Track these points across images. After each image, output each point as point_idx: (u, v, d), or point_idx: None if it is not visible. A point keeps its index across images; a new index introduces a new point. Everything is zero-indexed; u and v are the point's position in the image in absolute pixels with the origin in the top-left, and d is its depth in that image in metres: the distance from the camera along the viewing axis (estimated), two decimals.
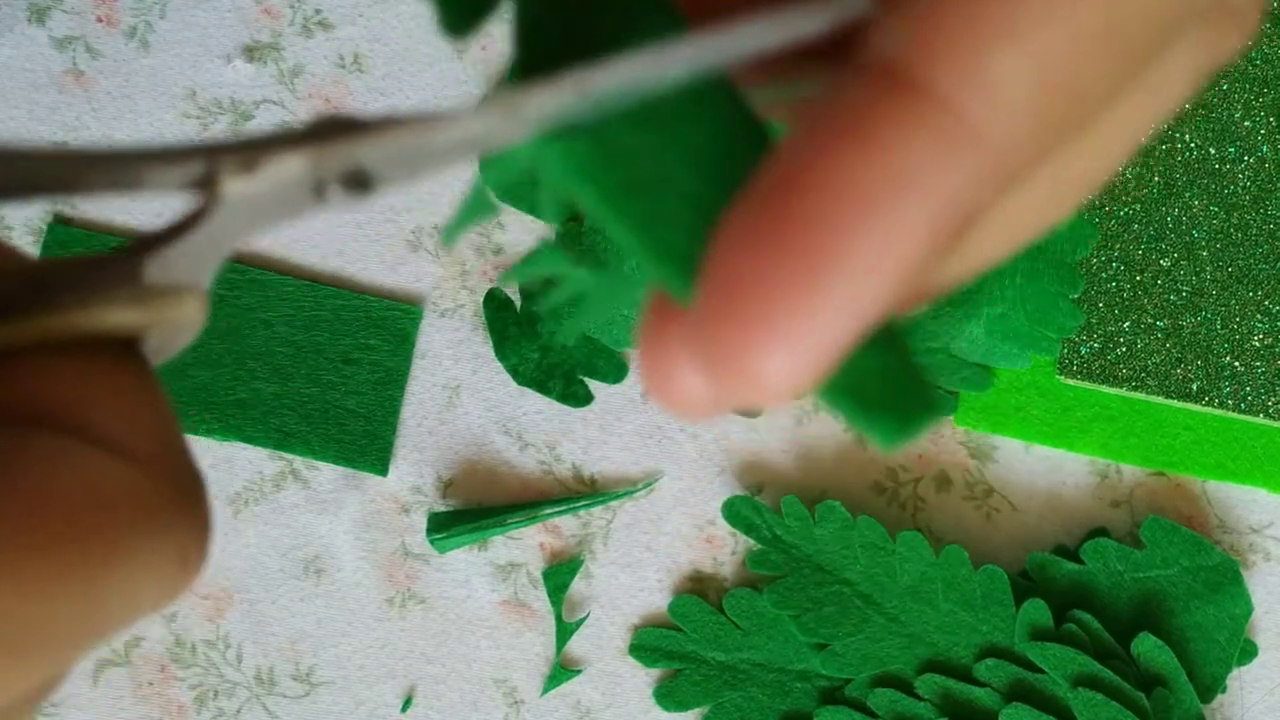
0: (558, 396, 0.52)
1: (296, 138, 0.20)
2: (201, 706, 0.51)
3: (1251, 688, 0.51)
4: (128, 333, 0.21)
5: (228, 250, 0.21)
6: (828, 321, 0.17)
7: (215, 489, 0.52)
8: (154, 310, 0.21)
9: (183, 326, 0.22)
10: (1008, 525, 0.52)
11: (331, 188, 0.20)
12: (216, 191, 0.20)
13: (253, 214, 0.20)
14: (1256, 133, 0.52)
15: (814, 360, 0.18)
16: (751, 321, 0.18)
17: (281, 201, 0.20)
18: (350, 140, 0.20)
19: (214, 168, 0.20)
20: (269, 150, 0.20)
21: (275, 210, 0.20)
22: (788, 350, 0.18)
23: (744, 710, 0.51)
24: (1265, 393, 0.51)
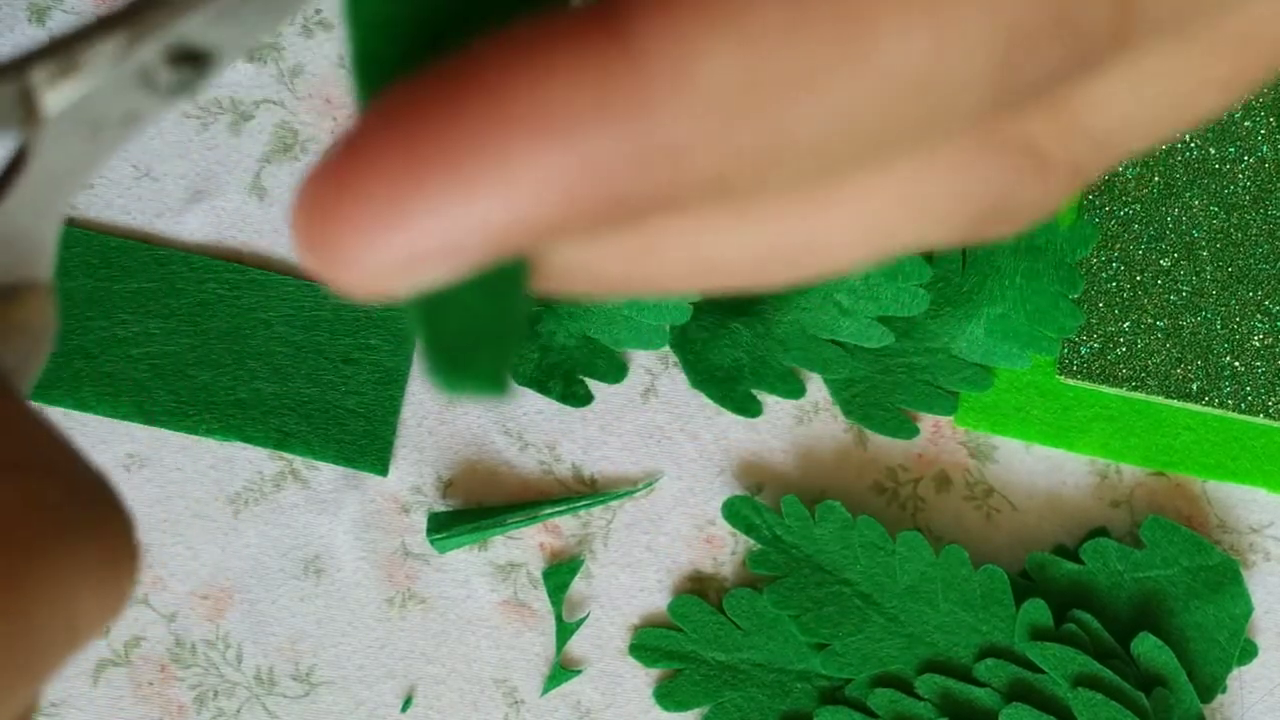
0: (558, 396, 0.52)
1: (106, 23, 0.17)
2: (201, 706, 0.51)
3: (1251, 688, 0.51)
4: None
5: (66, 192, 0.18)
6: (434, 227, 0.16)
7: (215, 489, 0.52)
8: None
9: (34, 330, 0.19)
10: (1008, 525, 0.52)
11: (161, 72, 0.18)
12: (36, 111, 0.17)
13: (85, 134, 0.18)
14: (1257, 133, 0.52)
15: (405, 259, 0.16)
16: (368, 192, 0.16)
17: (110, 109, 0.18)
18: (166, 7, 0.17)
19: (27, 81, 0.17)
20: (81, 45, 0.17)
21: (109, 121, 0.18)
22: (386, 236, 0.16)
23: (744, 710, 0.51)
24: (1265, 393, 0.51)
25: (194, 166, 0.53)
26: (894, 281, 0.50)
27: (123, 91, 0.18)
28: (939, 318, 0.51)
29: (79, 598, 0.19)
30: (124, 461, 0.52)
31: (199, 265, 0.52)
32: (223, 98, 0.53)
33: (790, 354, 0.52)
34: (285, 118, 0.53)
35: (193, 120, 0.53)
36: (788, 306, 0.51)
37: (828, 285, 0.51)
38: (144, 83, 0.18)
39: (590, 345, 0.52)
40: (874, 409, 0.52)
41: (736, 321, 0.52)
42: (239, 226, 0.53)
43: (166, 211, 0.53)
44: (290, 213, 0.17)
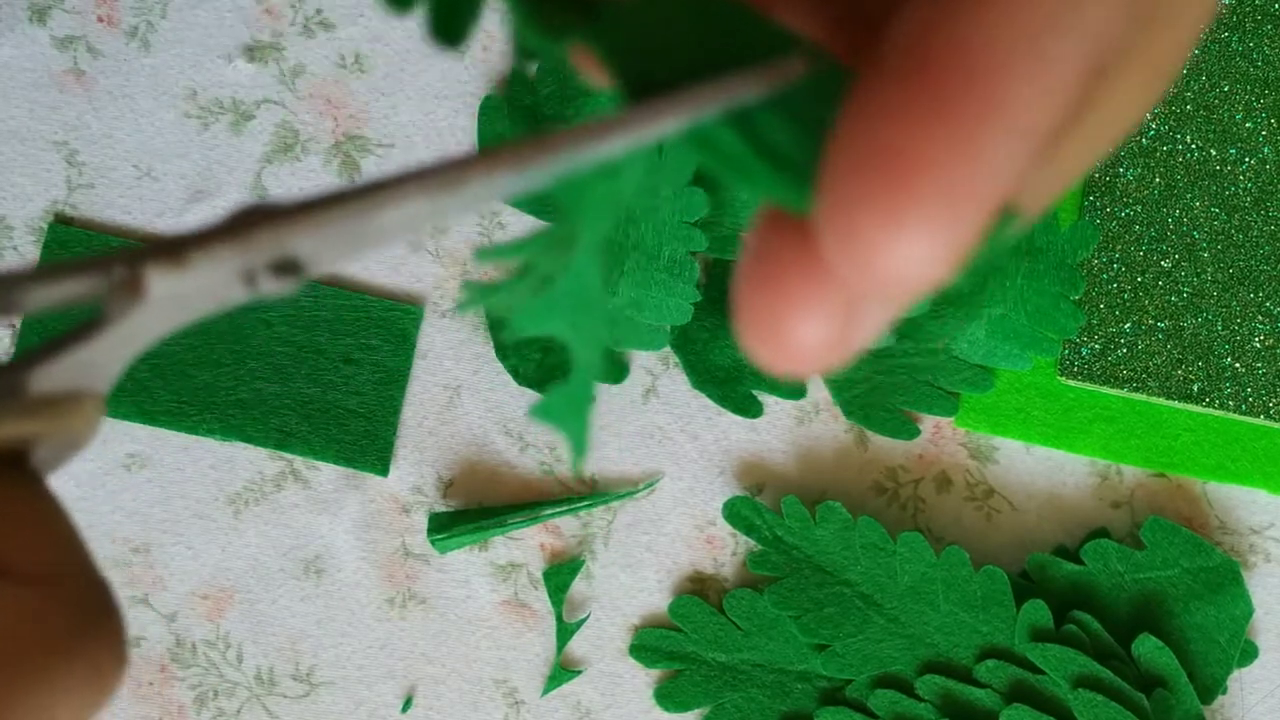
0: None
1: (222, 230, 0.19)
2: (201, 706, 0.51)
3: (1252, 689, 0.51)
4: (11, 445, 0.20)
5: (142, 347, 0.20)
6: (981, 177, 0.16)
7: (215, 489, 0.52)
8: (44, 421, 0.20)
9: (77, 435, 0.20)
10: (1008, 526, 0.52)
11: (262, 276, 0.19)
12: (142, 290, 0.19)
13: (176, 309, 0.19)
14: (1258, 134, 0.52)
15: (960, 233, 0.16)
16: (897, 193, 0.16)
17: (208, 294, 0.19)
18: (276, 229, 0.19)
19: (139, 268, 0.19)
20: (195, 245, 0.19)
21: (201, 303, 0.19)
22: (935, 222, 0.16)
23: (744, 711, 0.51)
24: (1266, 394, 0.51)
25: (194, 166, 0.53)
26: None
27: (222, 287, 0.19)
28: (940, 318, 0.51)
29: (60, 709, 0.19)
30: (124, 461, 0.52)
31: None
32: (223, 98, 0.53)
33: None
34: (286, 118, 0.53)
35: (193, 120, 0.53)
36: None
37: None
38: (244, 281, 0.19)
39: None
40: (875, 409, 0.52)
41: None
42: None
43: (167, 211, 0.53)
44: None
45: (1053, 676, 0.49)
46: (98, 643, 0.20)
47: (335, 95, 0.53)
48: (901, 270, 0.17)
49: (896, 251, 0.16)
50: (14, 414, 0.19)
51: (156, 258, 0.19)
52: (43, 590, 0.19)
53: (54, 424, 0.20)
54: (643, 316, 0.50)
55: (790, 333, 0.19)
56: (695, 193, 0.48)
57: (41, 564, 0.19)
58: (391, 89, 0.53)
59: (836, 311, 0.18)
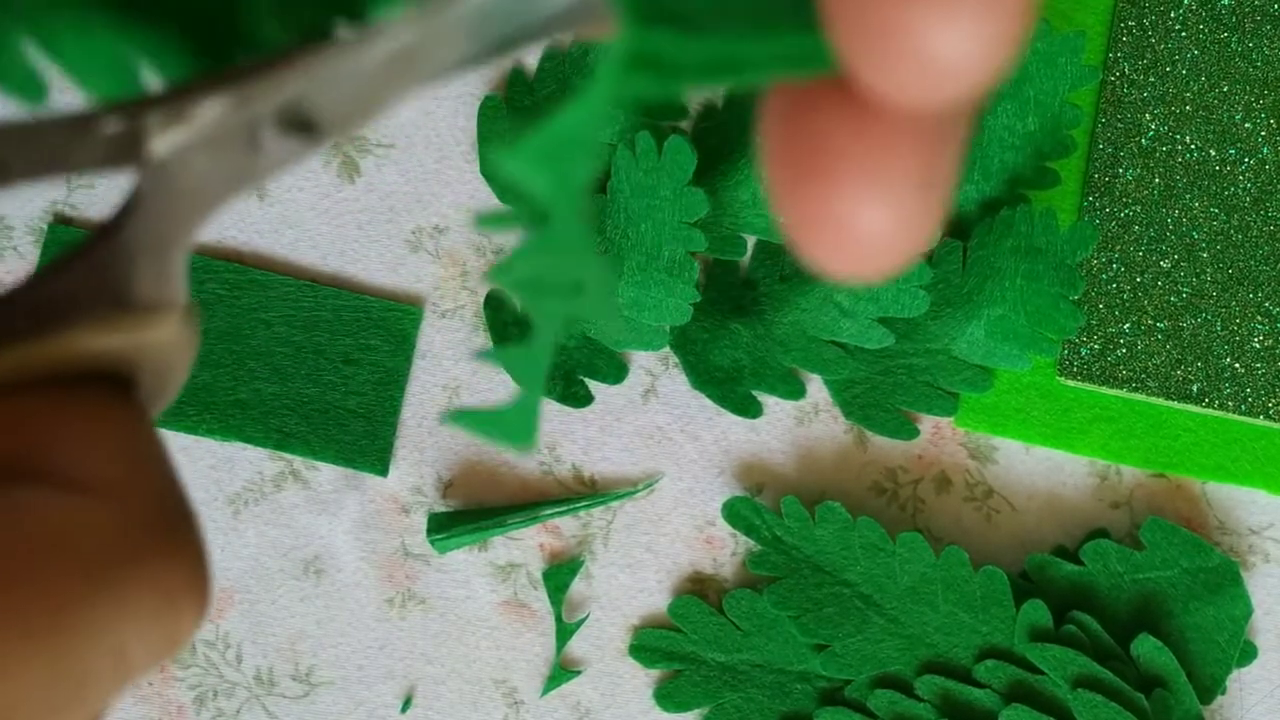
0: (558, 397, 0.52)
1: (219, 80, 0.18)
2: (201, 707, 0.51)
3: (1251, 689, 0.51)
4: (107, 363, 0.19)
5: (182, 241, 0.19)
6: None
7: (215, 489, 0.52)
8: (127, 332, 0.19)
9: (168, 352, 0.20)
10: (1008, 526, 0.52)
11: (267, 133, 0.18)
12: (144, 152, 0.18)
13: (190, 182, 0.18)
14: (1257, 134, 0.52)
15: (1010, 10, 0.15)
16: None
17: (217, 161, 0.18)
18: (272, 72, 0.18)
19: (137, 123, 0.18)
20: (192, 97, 0.18)
21: (214, 176, 0.18)
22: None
23: (744, 711, 0.51)
24: (1265, 394, 0.51)
25: None
26: (894, 282, 0.50)
27: (231, 149, 0.18)
28: (939, 319, 0.51)
29: (131, 642, 0.19)
30: None
31: (199, 265, 0.52)
32: None
33: (790, 355, 0.52)
34: None
35: None
36: (788, 307, 0.51)
37: (828, 286, 0.51)
38: (251, 144, 0.18)
39: (590, 346, 0.52)
40: (874, 410, 0.52)
41: (737, 322, 0.52)
42: (238, 226, 0.53)
43: None
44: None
45: (1052, 677, 0.49)
46: (168, 566, 0.19)
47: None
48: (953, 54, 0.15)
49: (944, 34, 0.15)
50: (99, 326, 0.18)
51: (155, 110, 0.18)
52: (108, 504, 0.19)
53: (141, 335, 0.19)
54: (642, 316, 0.50)
55: (853, 219, 0.17)
56: (695, 193, 0.48)
57: (106, 478, 0.19)
58: None
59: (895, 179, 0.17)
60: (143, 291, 0.19)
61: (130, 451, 0.19)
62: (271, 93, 0.18)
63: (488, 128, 0.52)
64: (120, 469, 0.19)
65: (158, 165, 0.18)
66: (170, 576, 0.19)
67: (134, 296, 0.19)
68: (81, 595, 0.18)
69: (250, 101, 0.18)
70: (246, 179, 0.19)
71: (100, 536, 0.18)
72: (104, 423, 0.19)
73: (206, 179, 0.18)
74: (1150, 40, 0.52)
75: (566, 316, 0.20)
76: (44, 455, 0.19)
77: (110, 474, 0.19)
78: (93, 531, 0.18)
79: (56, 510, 0.18)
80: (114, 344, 0.19)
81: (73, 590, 0.18)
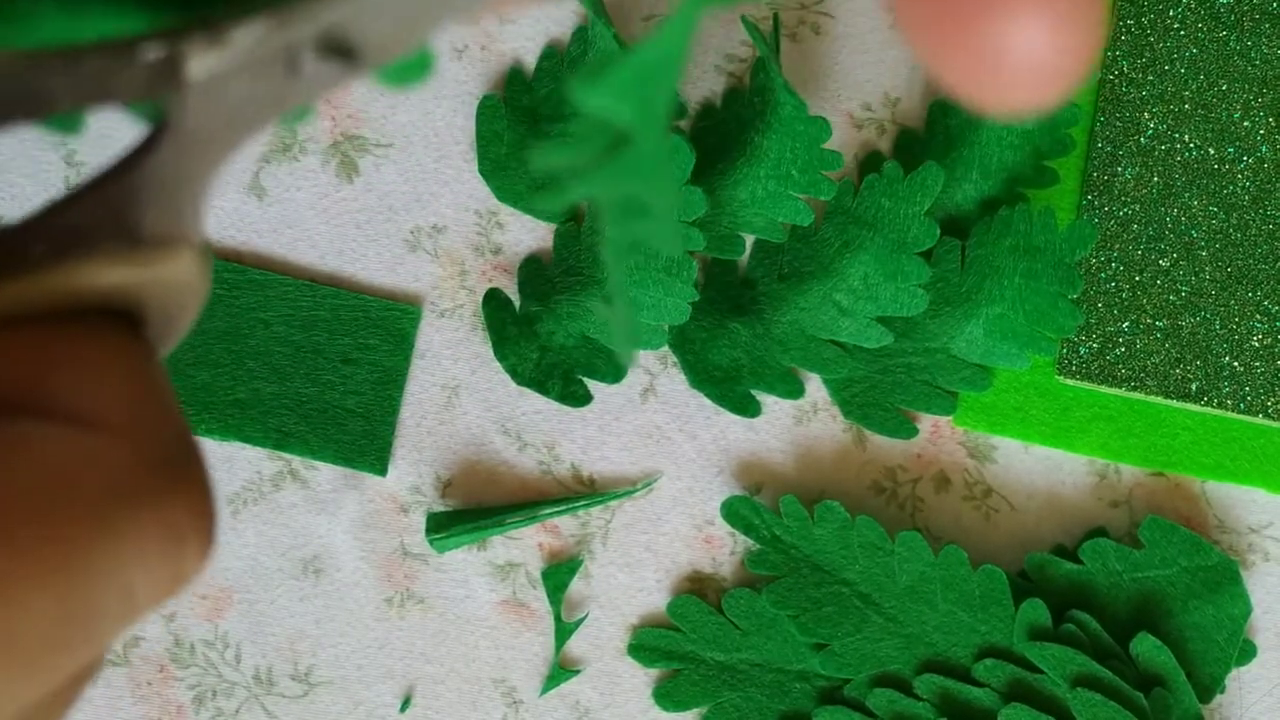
0: (557, 396, 0.52)
1: (258, 4, 0.18)
2: (200, 707, 0.51)
3: (1250, 688, 0.51)
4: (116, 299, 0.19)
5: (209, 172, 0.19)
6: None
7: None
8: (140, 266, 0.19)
9: (180, 291, 0.19)
10: (1007, 525, 0.52)
11: (306, 56, 0.18)
12: (182, 75, 0.18)
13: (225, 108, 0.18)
14: (1256, 133, 0.52)
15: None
16: None
17: (254, 86, 0.18)
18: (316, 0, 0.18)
19: (177, 49, 0.18)
20: (230, 22, 0.18)
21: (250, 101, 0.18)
22: None
23: (743, 710, 0.51)
24: (1265, 393, 0.51)
25: None
26: (893, 281, 0.50)
27: (269, 73, 0.18)
28: (938, 318, 0.51)
29: (137, 575, 0.19)
30: None
31: None
32: None
33: (789, 354, 0.52)
34: None
35: None
36: (787, 306, 0.51)
37: (827, 285, 0.51)
38: (289, 67, 0.18)
39: (590, 345, 0.52)
40: (873, 409, 0.52)
41: (735, 321, 0.52)
42: (238, 226, 0.53)
43: None
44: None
45: (1051, 676, 0.49)
46: (175, 503, 0.19)
47: (333, 95, 0.53)
48: None
49: None
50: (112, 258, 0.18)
51: (193, 36, 0.18)
52: (115, 440, 0.18)
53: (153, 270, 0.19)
54: (641, 316, 0.50)
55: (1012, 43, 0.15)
56: (693, 192, 0.48)
57: (113, 414, 0.19)
58: (390, 89, 0.53)
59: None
60: (158, 226, 0.19)
61: (137, 388, 0.19)
62: (312, 17, 0.18)
63: (486, 127, 0.52)
64: (127, 405, 0.19)
65: (195, 89, 0.18)
66: (177, 513, 0.19)
67: (149, 230, 0.19)
68: (89, 530, 0.18)
69: (290, 25, 0.18)
70: (283, 104, 0.19)
71: (108, 472, 0.18)
72: (111, 359, 0.19)
73: (243, 105, 0.18)
74: (1149, 39, 0.52)
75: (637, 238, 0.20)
76: (51, 389, 0.18)
77: (117, 410, 0.19)
78: (100, 467, 0.18)
79: (64, 445, 0.18)
80: (125, 278, 0.19)
81: (81, 524, 0.18)
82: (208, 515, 0.20)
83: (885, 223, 0.50)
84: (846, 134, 0.53)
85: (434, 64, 0.19)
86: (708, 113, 0.52)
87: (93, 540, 0.18)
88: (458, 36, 0.53)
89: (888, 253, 0.50)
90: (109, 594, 0.18)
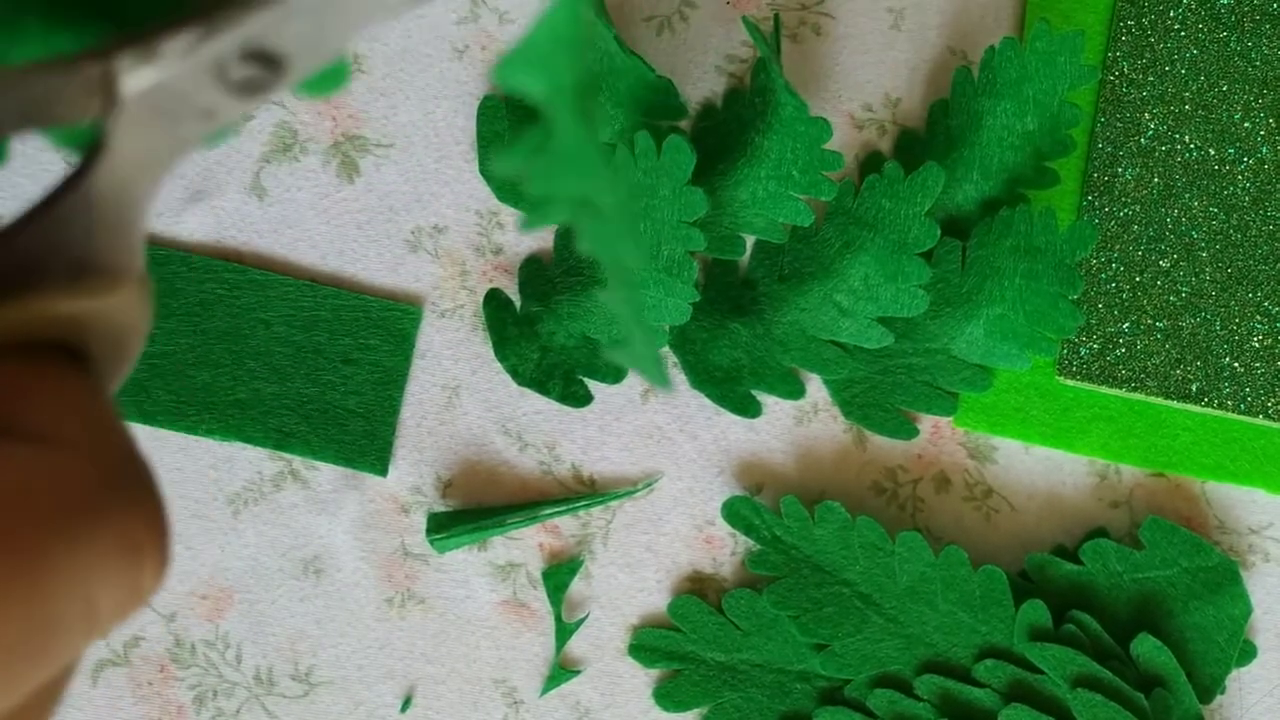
0: (557, 397, 0.52)
1: (184, 19, 0.18)
2: (201, 707, 0.51)
3: (1250, 689, 0.51)
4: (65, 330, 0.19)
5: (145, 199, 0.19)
6: None
7: (215, 489, 0.52)
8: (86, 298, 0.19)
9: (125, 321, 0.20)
10: (1007, 526, 0.52)
11: (233, 67, 0.18)
12: (117, 92, 0.18)
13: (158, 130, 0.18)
14: (1256, 134, 0.52)
15: None
16: None
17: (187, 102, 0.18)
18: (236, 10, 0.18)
19: (110, 64, 0.18)
20: (159, 35, 0.18)
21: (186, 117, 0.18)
22: None
23: (743, 711, 0.51)
24: (1265, 393, 0.51)
25: (193, 166, 0.53)
26: (894, 282, 0.50)
27: (199, 85, 0.18)
28: (938, 318, 0.51)
29: (98, 587, 0.19)
30: None
31: (198, 265, 0.52)
32: None
33: (790, 354, 0.52)
34: (285, 118, 0.53)
35: None
36: (787, 307, 0.51)
37: (827, 286, 0.51)
38: (219, 78, 0.18)
39: (590, 345, 0.52)
40: (873, 409, 0.52)
41: (736, 322, 0.52)
42: (239, 226, 0.53)
43: (166, 211, 0.53)
44: None
45: (1052, 676, 0.49)
46: (131, 518, 0.20)
47: (334, 95, 0.53)
48: None
49: None
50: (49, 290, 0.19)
51: (125, 51, 0.18)
52: (73, 458, 0.19)
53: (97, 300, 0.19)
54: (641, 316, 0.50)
55: None
56: (694, 192, 0.48)
57: (71, 435, 0.19)
58: (390, 89, 0.53)
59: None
60: (102, 256, 0.19)
61: (92, 413, 0.20)
62: (238, 26, 0.18)
63: (487, 128, 0.52)
64: (82, 428, 0.19)
65: (130, 105, 0.18)
66: (134, 528, 0.20)
67: (93, 260, 0.19)
68: (50, 542, 0.18)
69: (216, 35, 0.18)
70: (213, 119, 0.19)
71: (67, 487, 0.19)
72: (65, 386, 0.20)
73: (174, 122, 0.19)
74: (1149, 40, 0.52)
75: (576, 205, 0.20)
76: (9, 411, 0.19)
77: (74, 432, 0.19)
78: (60, 482, 0.19)
79: (24, 461, 0.19)
80: (73, 310, 0.19)
81: (41, 537, 0.18)
82: (163, 532, 0.20)
83: (886, 223, 0.50)
84: (847, 134, 0.53)
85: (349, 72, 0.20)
86: (709, 113, 0.52)
87: (54, 551, 0.18)
88: (458, 37, 0.53)
89: (888, 253, 0.50)
90: (72, 604, 0.19)
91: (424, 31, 0.53)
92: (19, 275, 0.19)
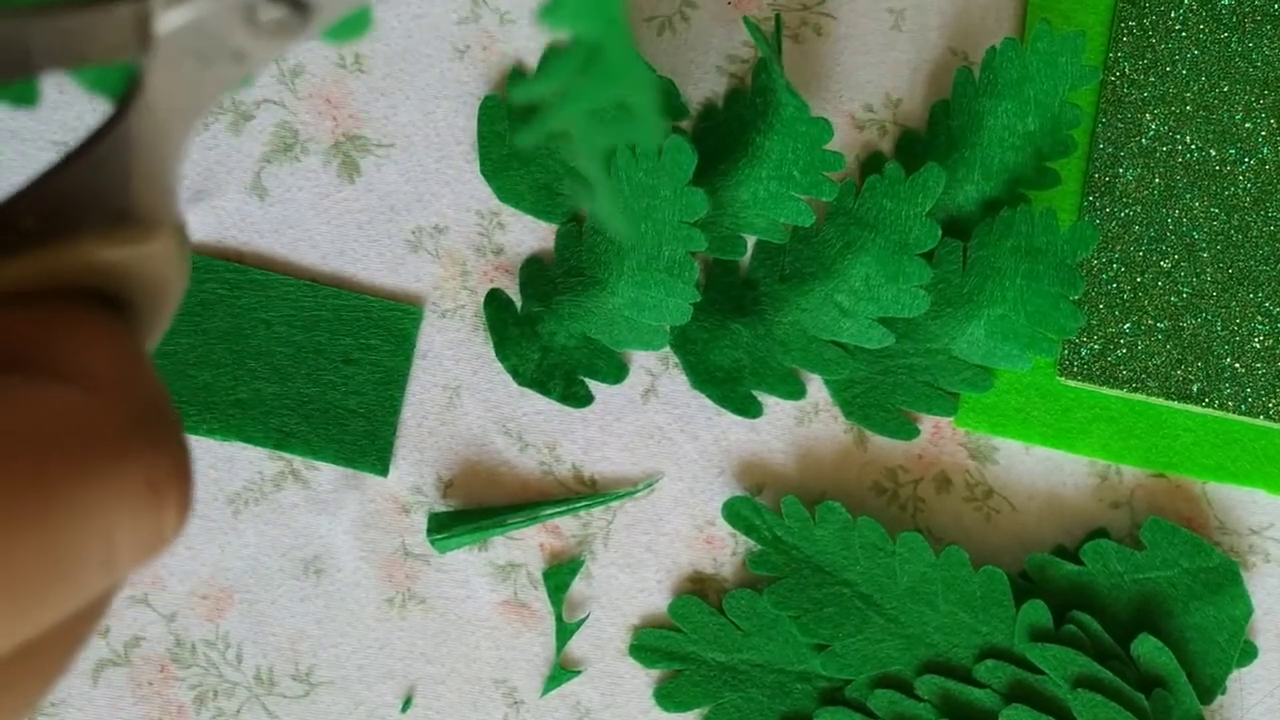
0: (558, 397, 0.52)
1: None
2: (201, 707, 0.51)
3: (1251, 689, 0.51)
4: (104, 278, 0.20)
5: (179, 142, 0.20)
6: None
7: (215, 489, 0.52)
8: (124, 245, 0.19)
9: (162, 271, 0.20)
10: (1008, 526, 0.52)
11: (263, 9, 0.19)
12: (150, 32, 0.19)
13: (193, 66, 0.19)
14: (1257, 134, 0.52)
15: None
16: None
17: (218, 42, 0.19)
18: None
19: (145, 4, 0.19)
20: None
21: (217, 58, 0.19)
22: None
23: (744, 711, 0.51)
24: (1266, 394, 0.51)
25: (194, 166, 0.53)
26: (895, 282, 0.50)
27: (230, 25, 0.19)
28: (939, 319, 0.51)
29: (119, 527, 0.19)
30: None
31: (199, 265, 0.52)
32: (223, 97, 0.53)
33: (791, 355, 0.52)
34: (285, 118, 0.53)
35: None
36: (788, 307, 0.51)
37: (828, 286, 0.51)
38: (248, 19, 0.19)
39: (590, 346, 0.52)
40: (874, 410, 0.52)
41: (737, 322, 0.52)
42: (239, 226, 0.53)
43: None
44: None
45: (1052, 677, 0.49)
46: (155, 459, 0.20)
47: (335, 95, 0.53)
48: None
49: None
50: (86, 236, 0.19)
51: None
52: (102, 397, 0.19)
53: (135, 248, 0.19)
54: (642, 316, 0.50)
55: None
56: (695, 192, 0.48)
57: (101, 375, 0.20)
58: (391, 89, 0.53)
59: None
60: (138, 203, 0.19)
61: (124, 355, 0.20)
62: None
63: (488, 127, 0.52)
64: (113, 370, 0.20)
65: (163, 46, 0.19)
66: (157, 470, 0.20)
67: (130, 206, 0.19)
68: (73, 476, 0.19)
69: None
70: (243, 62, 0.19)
71: (93, 424, 0.19)
72: (98, 330, 0.20)
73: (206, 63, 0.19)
74: (1150, 40, 0.52)
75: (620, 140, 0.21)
76: (42, 350, 0.19)
77: (104, 373, 0.20)
78: (86, 419, 0.19)
79: (53, 397, 0.19)
80: (111, 257, 0.19)
81: (65, 470, 0.19)
82: (186, 476, 0.20)
83: (887, 224, 0.50)
84: (848, 135, 0.53)
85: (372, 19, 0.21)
86: (710, 113, 0.52)
87: (77, 484, 0.19)
88: (459, 37, 0.53)
89: (889, 254, 0.50)
90: (91, 540, 0.19)
91: (425, 31, 0.53)
92: (57, 221, 0.19)
